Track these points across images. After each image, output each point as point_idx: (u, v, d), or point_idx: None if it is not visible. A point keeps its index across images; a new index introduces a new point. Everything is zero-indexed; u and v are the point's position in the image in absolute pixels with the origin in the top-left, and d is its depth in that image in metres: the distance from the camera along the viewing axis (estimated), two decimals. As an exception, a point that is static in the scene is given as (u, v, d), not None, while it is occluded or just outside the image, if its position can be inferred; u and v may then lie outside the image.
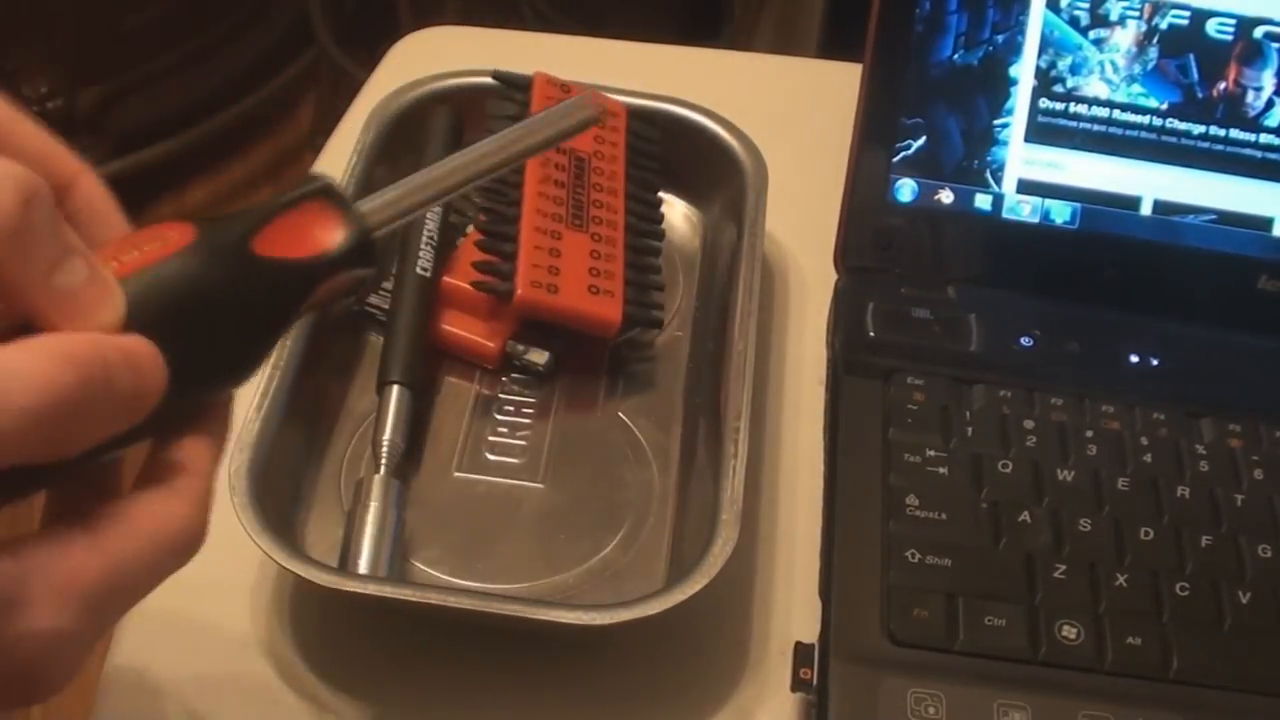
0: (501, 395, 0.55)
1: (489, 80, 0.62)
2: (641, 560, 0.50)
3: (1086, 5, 0.54)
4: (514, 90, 0.61)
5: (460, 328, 0.55)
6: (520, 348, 0.55)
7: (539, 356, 0.55)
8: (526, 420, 0.54)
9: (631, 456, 0.53)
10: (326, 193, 0.34)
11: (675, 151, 0.62)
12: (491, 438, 0.54)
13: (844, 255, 0.58)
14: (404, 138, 0.60)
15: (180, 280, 0.31)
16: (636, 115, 0.61)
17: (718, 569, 0.45)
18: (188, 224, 0.32)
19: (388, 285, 0.56)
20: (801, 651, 0.46)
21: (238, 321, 0.32)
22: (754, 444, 0.52)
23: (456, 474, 0.52)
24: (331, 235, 0.34)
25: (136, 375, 0.28)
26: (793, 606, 0.50)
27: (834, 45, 1.30)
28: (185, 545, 0.30)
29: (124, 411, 0.28)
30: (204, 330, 0.31)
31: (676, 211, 0.63)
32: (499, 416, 0.54)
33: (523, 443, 0.53)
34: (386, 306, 0.55)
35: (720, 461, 0.48)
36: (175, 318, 0.30)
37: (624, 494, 0.52)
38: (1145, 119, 0.55)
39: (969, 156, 0.56)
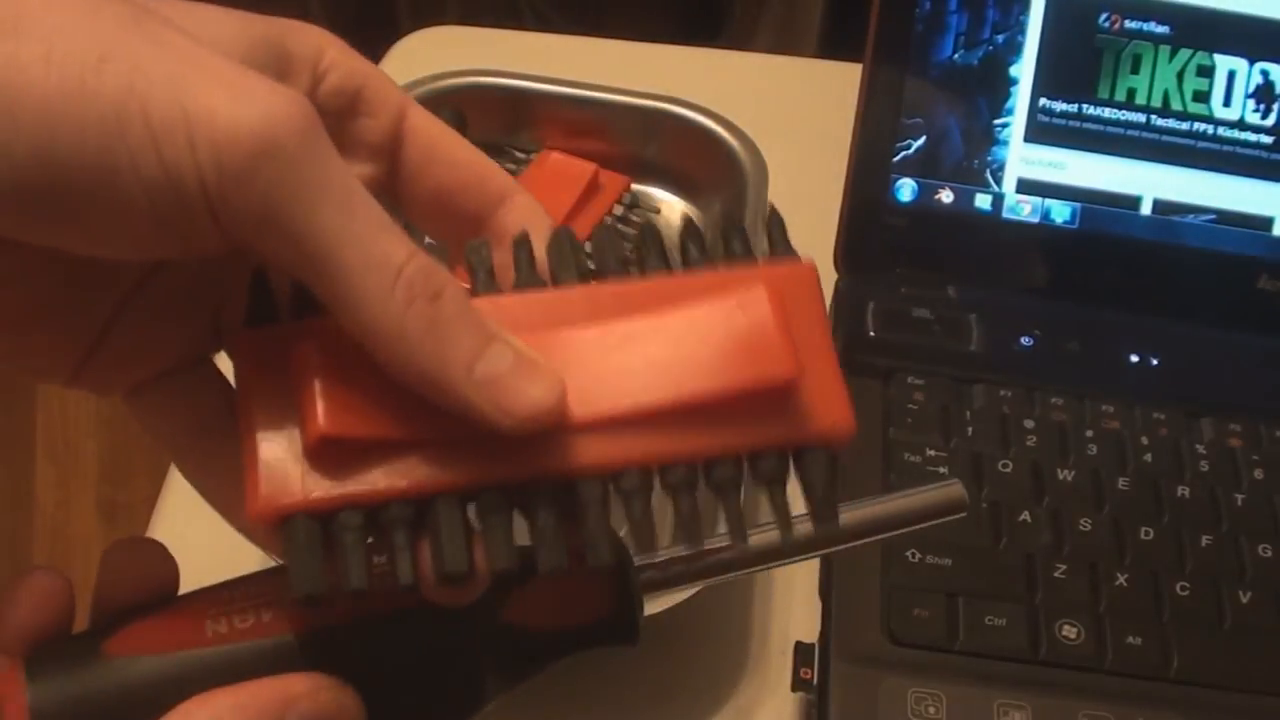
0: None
1: (489, 80, 0.62)
2: (642, 560, 0.50)
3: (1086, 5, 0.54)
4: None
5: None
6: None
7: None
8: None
9: (632, 456, 0.53)
10: (616, 566, 0.29)
11: (675, 151, 0.62)
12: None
13: (844, 255, 0.58)
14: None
15: (412, 638, 0.28)
16: (639, 202, 0.62)
17: (718, 569, 0.45)
18: None
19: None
20: (802, 651, 0.45)
21: (463, 684, 0.29)
22: (754, 444, 0.52)
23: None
24: (596, 605, 0.29)
25: None
26: (793, 606, 0.50)
27: (834, 45, 1.29)
28: None
29: None
30: (418, 689, 0.29)
31: (676, 211, 0.63)
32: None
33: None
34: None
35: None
36: (394, 673, 0.28)
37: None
38: (1145, 119, 0.55)
39: (969, 156, 0.56)
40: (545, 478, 0.26)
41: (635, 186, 0.62)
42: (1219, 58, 0.55)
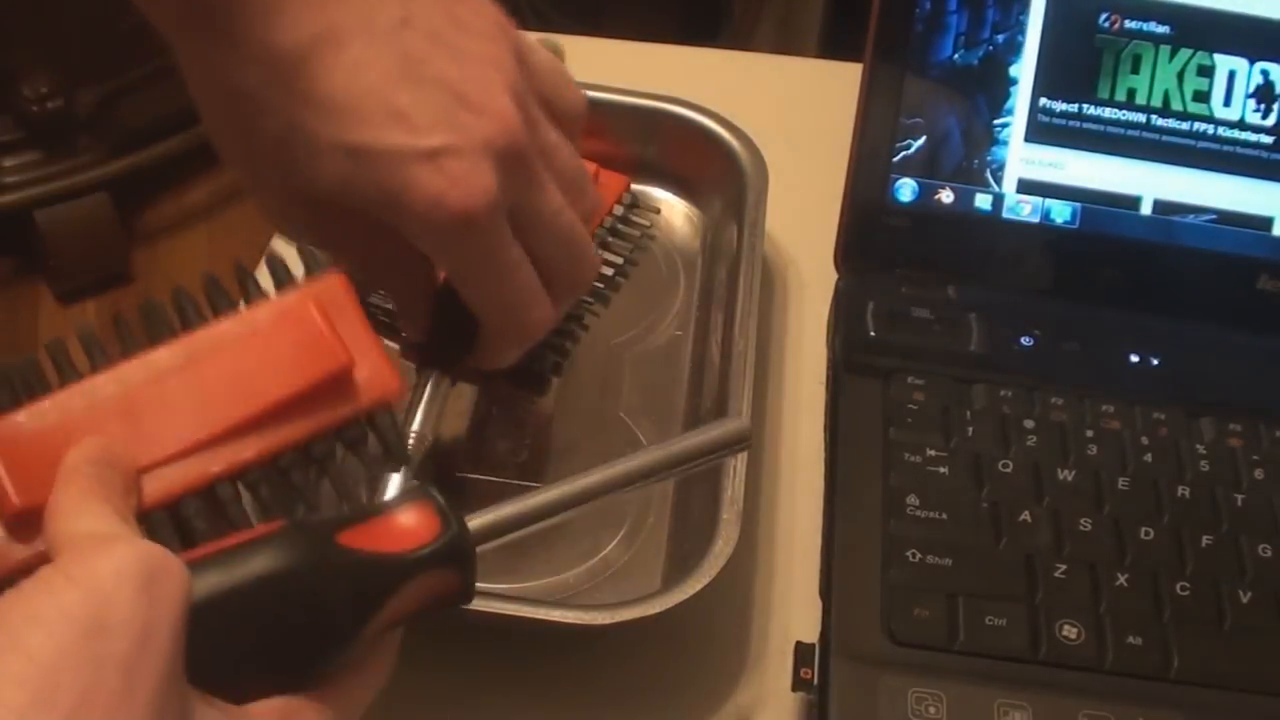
0: (501, 395, 0.55)
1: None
2: (641, 560, 0.50)
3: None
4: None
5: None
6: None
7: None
8: (526, 420, 0.54)
9: (632, 456, 0.53)
10: (424, 496, 0.36)
11: (675, 151, 0.62)
12: (492, 437, 0.54)
13: (844, 255, 0.58)
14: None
15: (260, 561, 0.32)
16: (639, 202, 0.62)
17: (718, 569, 0.45)
18: (280, 522, 0.34)
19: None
20: (802, 651, 0.46)
21: (314, 608, 0.33)
22: (754, 444, 0.52)
23: (456, 474, 0.52)
24: (424, 535, 0.35)
25: None
26: (793, 606, 0.50)
27: (834, 45, 1.29)
28: None
29: None
30: (278, 614, 0.32)
31: (676, 211, 0.63)
32: (499, 416, 0.54)
33: (523, 442, 0.53)
34: (389, 306, 0.55)
35: (720, 462, 0.48)
36: (251, 601, 0.32)
37: (624, 494, 0.52)
38: (1145, 119, 0.55)
39: (969, 156, 0.56)
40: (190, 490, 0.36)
41: (635, 186, 0.62)
42: (1219, 58, 0.55)
